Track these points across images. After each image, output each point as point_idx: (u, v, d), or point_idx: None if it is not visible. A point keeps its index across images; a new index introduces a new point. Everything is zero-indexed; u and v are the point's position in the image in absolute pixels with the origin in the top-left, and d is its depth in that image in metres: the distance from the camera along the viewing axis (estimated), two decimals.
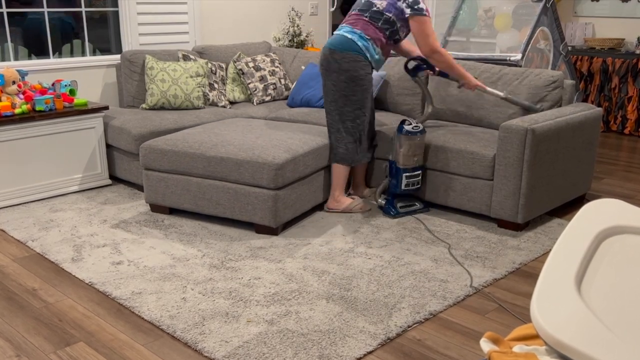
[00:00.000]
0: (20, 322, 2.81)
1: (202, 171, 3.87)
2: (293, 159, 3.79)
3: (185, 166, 3.92)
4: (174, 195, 4.03)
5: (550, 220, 4.12)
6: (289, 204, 3.84)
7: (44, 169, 4.42)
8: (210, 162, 3.83)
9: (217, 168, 3.82)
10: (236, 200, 3.83)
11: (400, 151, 4.05)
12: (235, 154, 3.77)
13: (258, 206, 3.77)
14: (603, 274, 1.19)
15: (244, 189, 3.79)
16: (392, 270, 3.33)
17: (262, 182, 3.71)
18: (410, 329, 2.79)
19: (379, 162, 4.48)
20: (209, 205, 3.92)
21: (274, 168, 3.66)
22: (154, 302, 2.97)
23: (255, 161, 3.70)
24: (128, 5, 5.36)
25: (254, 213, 3.79)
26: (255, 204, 3.77)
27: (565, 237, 1.27)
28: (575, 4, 7.55)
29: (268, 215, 3.75)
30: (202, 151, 3.86)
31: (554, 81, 4.26)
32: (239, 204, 3.82)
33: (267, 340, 2.64)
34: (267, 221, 3.77)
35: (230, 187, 3.82)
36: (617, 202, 1.41)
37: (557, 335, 1.03)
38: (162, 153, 3.98)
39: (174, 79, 4.94)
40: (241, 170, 3.74)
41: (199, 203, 3.95)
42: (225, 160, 3.78)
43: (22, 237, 3.75)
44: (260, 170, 3.69)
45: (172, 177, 4.00)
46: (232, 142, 3.89)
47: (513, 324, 2.86)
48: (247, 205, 3.80)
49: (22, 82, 4.42)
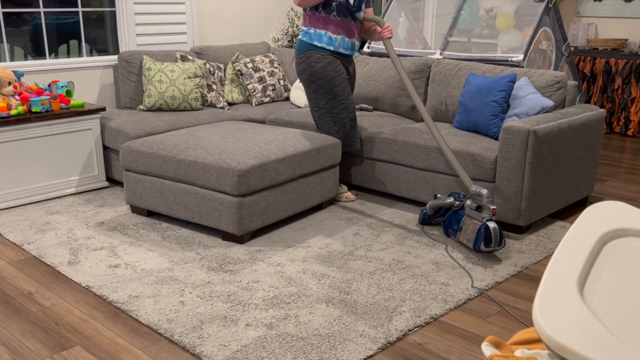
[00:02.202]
0: (16, 326, 2.79)
1: (173, 174, 3.80)
2: (261, 165, 3.65)
3: (158, 168, 3.86)
4: (149, 197, 3.98)
5: (553, 223, 4.10)
6: (256, 212, 3.70)
7: (40, 171, 4.40)
8: (180, 165, 3.75)
9: (185, 172, 3.73)
10: (203, 206, 3.73)
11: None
12: (202, 158, 3.67)
13: (223, 213, 3.65)
14: (606, 277, 1.18)
15: (210, 194, 3.68)
16: (393, 273, 3.31)
17: (226, 188, 3.59)
18: (410, 332, 2.77)
19: (369, 162, 4.45)
20: (180, 209, 3.84)
21: (237, 174, 3.53)
22: (151, 305, 2.95)
23: (220, 166, 3.59)
24: (125, 5, 5.35)
25: (219, 220, 3.68)
26: (220, 210, 3.66)
27: (567, 240, 1.26)
28: (578, 4, 7.53)
29: (232, 223, 3.63)
30: (173, 154, 3.79)
31: (557, 81, 4.24)
32: (206, 210, 3.72)
33: (266, 345, 2.62)
34: (231, 229, 3.65)
35: (199, 192, 3.73)
36: (620, 204, 1.40)
37: (559, 339, 1.02)
38: (138, 154, 3.94)
39: (172, 80, 4.92)
40: (207, 175, 3.65)
41: (172, 207, 3.88)
42: (193, 164, 3.70)
43: (18, 240, 3.73)
44: (224, 176, 3.57)
45: (147, 179, 3.96)
46: (205, 145, 3.79)
47: (515, 328, 2.84)
48: (213, 212, 3.69)
49: (18, 83, 4.41)
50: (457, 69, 4.69)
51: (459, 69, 4.68)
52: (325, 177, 4.21)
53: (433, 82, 4.78)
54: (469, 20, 5.80)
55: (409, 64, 4.92)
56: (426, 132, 4.27)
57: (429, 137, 4.19)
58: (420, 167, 4.21)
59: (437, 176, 4.14)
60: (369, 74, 5.12)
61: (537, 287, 2.97)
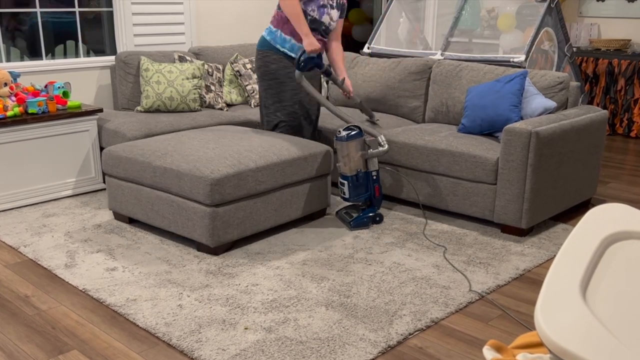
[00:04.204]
0: (12, 330, 2.78)
1: (151, 181, 3.67)
2: (237, 174, 3.49)
3: (136, 175, 3.75)
4: (129, 204, 3.88)
5: (555, 226, 4.08)
6: (232, 223, 3.53)
7: (36, 172, 4.38)
8: (156, 172, 3.62)
9: (161, 179, 3.61)
10: (179, 215, 3.59)
11: (339, 158, 3.95)
12: (177, 165, 3.54)
13: (197, 223, 3.51)
14: (609, 280, 1.17)
15: (185, 203, 3.54)
16: (393, 276, 3.29)
17: (199, 197, 3.44)
18: (411, 336, 2.76)
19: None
20: (157, 217, 3.72)
21: (209, 183, 3.38)
22: (149, 309, 2.94)
23: (194, 174, 3.44)
24: (123, 5, 5.34)
25: (193, 230, 3.54)
26: (194, 220, 3.52)
27: (570, 243, 1.26)
28: (580, 4, 7.51)
29: (205, 234, 3.48)
30: (150, 160, 3.67)
31: (560, 82, 4.22)
32: (181, 219, 3.59)
33: (265, 348, 2.61)
34: (205, 240, 3.50)
35: (174, 200, 3.60)
36: (623, 206, 1.40)
37: (561, 343, 1.02)
38: (118, 159, 3.84)
39: (170, 80, 4.91)
40: (181, 183, 3.51)
41: (149, 214, 3.77)
42: (168, 171, 3.56)
43: (14, 243, 3.72)
44: (197, 185, 3.43)
45: (127, 185, 3.86)
46: (183, 152, 3.66)
47: (517, 332, 2.83)
48: (187, 221, 3.56)
49: (14, 84, 4.40)
50: (458, 69, 4.67)
51: (460, 69, 4.66)
52: (314, 187, 4.01)
53: (434, 83, 4.76)
54: (470, 20, 5.78)
55: (410, 65, 4.90)
56: (427, 134, 4.24)
57: (430, 138, 4.17)
58: (420, 169, 4.18)
59: (438, 178, 4.12)
60: (369, 75, 5.10)
61: (539, 290, 2.94)
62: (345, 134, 3.87)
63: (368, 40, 5.86)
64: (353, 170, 3.90)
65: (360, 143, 3.90)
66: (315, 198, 4.04)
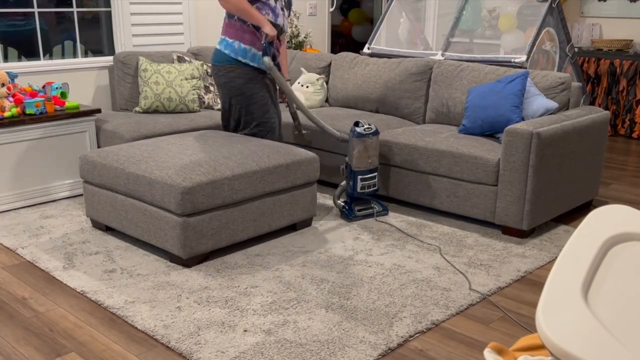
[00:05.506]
0: (9, 332, 2.78)
1: (124, 188, 3.55)
2: (211, 182, 3.34)
3: (110, 181, 3.64)
4: (105, 211, 3.77)
5: (557, 227, 4.08)
6: (206, 233, 3.38)
7: (34, 174, 4.37)
8: (129, 178, 3.49)
9: (134, 186, 3.48)
10: (151, 224, 3.46)
11: (354, 153, 4.05)
12: (150, 172, 3.40)
13: (168, 233, 3.36)
14: (611, 282, 1.18)
15: (157, 212, 3.40)
16: (393, 278, 3.28)
17: (170, 206, 3.29)
18: (411, 339, 2.75)
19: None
20: (130, 225, 3.60)
21: (180, 191, 3.23)
22: (147, 311, 2.93)
23: (165, 182, 3.30)
24: (121, 5, 5.34)
25: (165, 240, 3.40)
26: (166, 229, 3.37)
27: (571, 245, 1.26)
28: (582, 4, 7.50)
29: (177, 244, 3.33)
30: (124, 166, 3.54)
31: (562, 83, 4.21)
32: (153, 228, 3.46)
33: (265, 351, 2.60)
34: (176, 250, 3.36)
35: (147, 209, 3.46)
36: (625, 208, 1.40)
37: (563, 345, 1.03)
38: (93, 165, 3.74)
39: (169, 81, 4.90)
40: (153, 191, 3.37)
41: (124, 223, 3.64)
42: (140, 178, 3.43)
43: (11, 245, 3.71)
44: (168, 193, 3.28)
45: (103, 192, 3.74)
46: (159, 158, 3.52)
47: (518, 334, 2.82)
48: (159, 231, 3.42)
49: (12, 85, 4.39)
50: (459, 70, 4.65)
51: (461, 70, 4.64)
52: (298, 196, 3.84)
53: (435, 83, 4.75)
54: (471, 20, 5.78)
55: (410, 65, 4.88)
56: (428, 135, 4.23)
57: (431, 139, 4.16)
58: (421, 170, 4.17)
59: (439, 179, 4.10)
60: (369, 75, 5.09)
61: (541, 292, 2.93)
62: (361, 129, 4.05)
63: (368, 41, 5.86)
64: (364, 165, 4.08)
65: (376, 139, 4.09)
66: (299, 207, 3.88)
